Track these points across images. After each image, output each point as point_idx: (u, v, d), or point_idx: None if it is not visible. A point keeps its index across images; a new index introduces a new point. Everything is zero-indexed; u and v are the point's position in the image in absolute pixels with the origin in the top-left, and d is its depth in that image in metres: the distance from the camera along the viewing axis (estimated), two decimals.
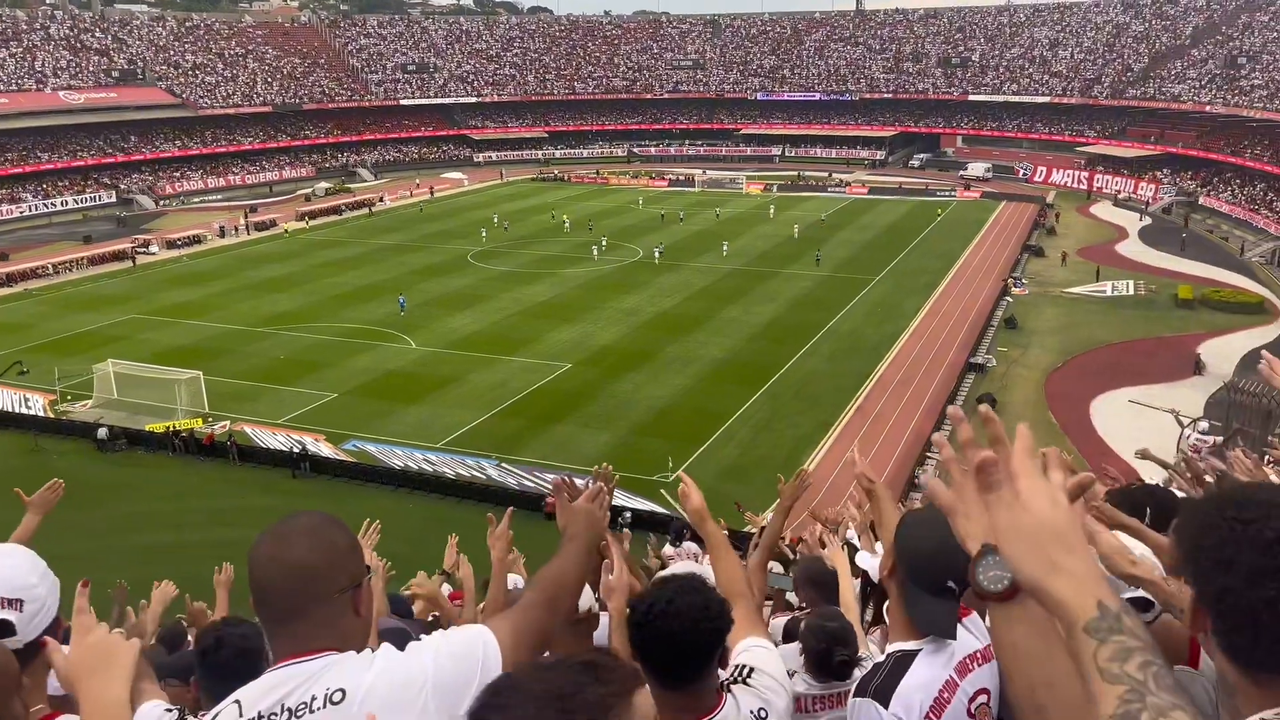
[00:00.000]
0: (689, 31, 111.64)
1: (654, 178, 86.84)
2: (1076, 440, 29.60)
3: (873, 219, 67.60)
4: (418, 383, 35.69)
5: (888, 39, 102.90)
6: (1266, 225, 60.35)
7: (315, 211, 71.25)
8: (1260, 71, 73.89)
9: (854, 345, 39.74)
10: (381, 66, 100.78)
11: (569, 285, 49.94)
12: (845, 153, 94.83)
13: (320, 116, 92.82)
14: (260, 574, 1.93)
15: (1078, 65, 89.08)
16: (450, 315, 44.40)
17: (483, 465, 29.19)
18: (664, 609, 2.37)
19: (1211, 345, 39.05)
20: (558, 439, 30.78)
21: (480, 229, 62.39)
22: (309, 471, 29.01)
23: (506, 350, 39.25)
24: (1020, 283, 49.02)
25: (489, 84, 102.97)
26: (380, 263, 55.31)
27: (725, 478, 27.30)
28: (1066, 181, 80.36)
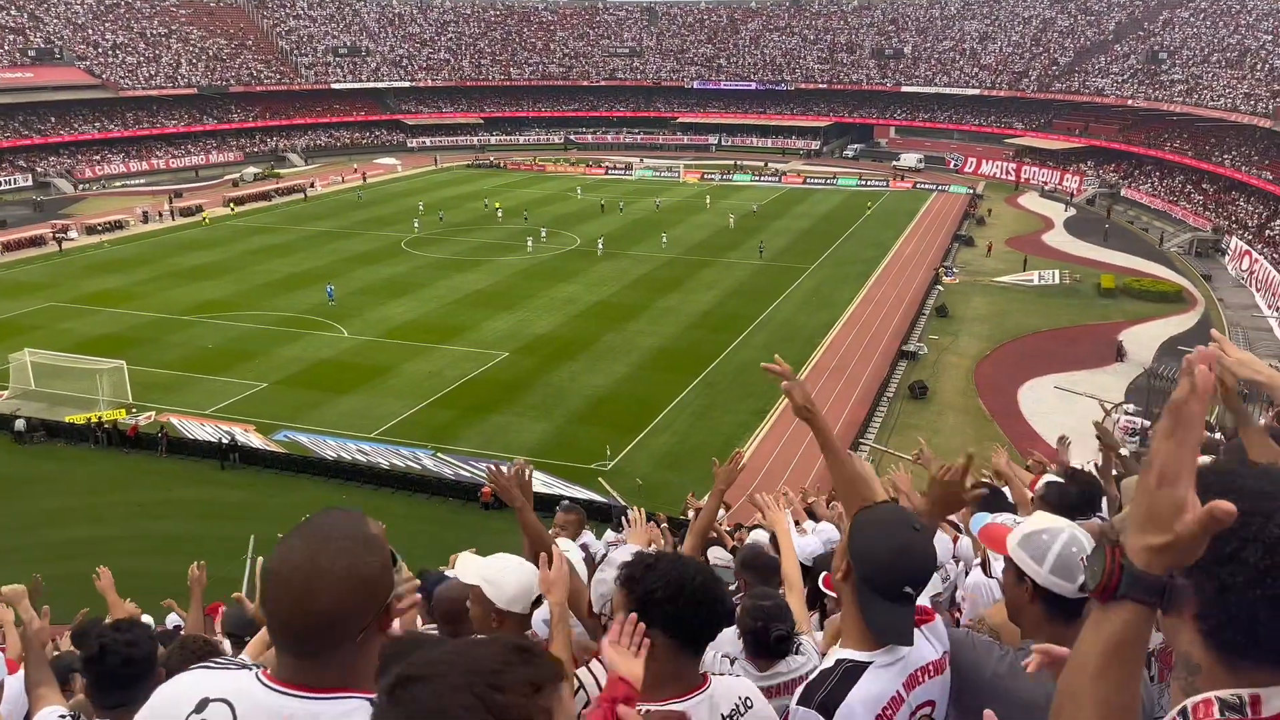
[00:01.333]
0: (626, 19, 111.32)
1: (591, 165, 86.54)
2: (1005, 425, 30.33)
3: (808, 208, 68.28)
4: (351, 372, 35.12)
5: (822, 30, 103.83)
6: (1185, 216, 62.41)
7: (243, 197, 69.53)
8: (1180, 67, 76.23)
9: (790, 333, 40.12)
10: (312, 49, 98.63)
11: (505, 273, 49.55)
12: (781, 142, 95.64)
13: (248, 100, 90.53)
14: (280, 611, 1.74)
15: (1006, 59, 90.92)
16: (384, 303, 43.74)
17: (418, 455, 28.85)
18: (703, 580, 2.43)
19: (1133, 333, 40.26)
20: (494, 428, 30.56)
21: (414, 216, 61.53)
22: (239, 463, 28.40)
23: (442, 339, 38.81)
24: (951, 271, 49.97)
25: (423, 68, 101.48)
26: (311, 250, 54.24)
27: (662, 466, 27.43)
28: (995, 173, 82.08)
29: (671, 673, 2.34)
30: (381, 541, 1.83)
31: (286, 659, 1.78)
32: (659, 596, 2.34)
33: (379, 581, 1.77)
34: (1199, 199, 63.45)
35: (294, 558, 1.73)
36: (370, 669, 1.81)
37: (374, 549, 1.79)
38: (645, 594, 2.37)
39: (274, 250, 54.03)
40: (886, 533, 2.36)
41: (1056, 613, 2.43)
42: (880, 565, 2.32)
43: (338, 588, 1.70)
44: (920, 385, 33.93)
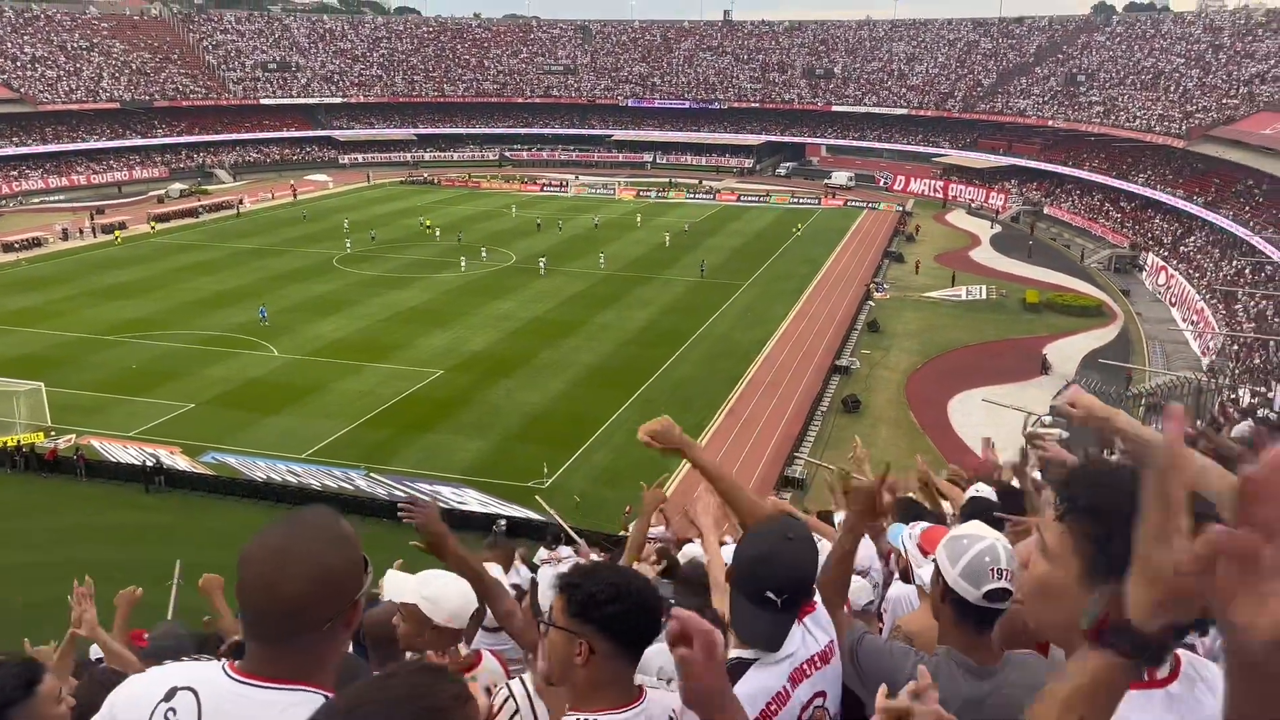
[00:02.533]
0: (559, 37, 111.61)
1: (526, 182, 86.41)
2: (935, 438, 30.91)
3: (742, 226, 69.01)
4: (281, 392, 34.43)
5: (754, 50, 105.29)
6: (1104, 233, 64.50)
7: (169, 214, 67.89)
8: (1097, 89, 78.93)
9: (726, 349, 40.43)
10: (240, 64, 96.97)
11: (440, 290, 49.12)
12: (715, 160, 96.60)
13: (173, 114, 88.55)
14: (249, 596, 1.82)
15: (933, 80, 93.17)
16: (315, 321, 43.01)
17: (350, 476, 28.37)
18: (642, 584, 2.38)
19: (1056, 346, 41.40)
20: (429, 447, 30.21)
21: (345, 233, 60.71)
22: (164, 486, 27.60)
23: (375, 357, 38.28)
24: (882, 287, 50.89)
25: (355, 84, 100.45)
26: (240, 267, 53.15)
27: (601, 483, 27.37)
28: (924, 190, 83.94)
29: (609, 678, 2.31)
30: (354, 541, 1.89)
31: (253, 648, 1.86)
32: (600, 599, 2.34)
33: (346, 576, 1.84)
34: (1117, 216, 65.64)
35: (267, 544, 1.82)
36: (331, 666, 1.88)
37: (345, 546, 1.86)
38: (586, 597, 2.36)
39: (201, 268, 52.82)
40: (758, 541, 2.45)
41: (963, 617, 2.50)
42: (746, 572, 2.42)
43: (304, 576, 1.78)
44: (853, 399, 34.44)
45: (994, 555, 2.51)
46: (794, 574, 2.46)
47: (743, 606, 2.42)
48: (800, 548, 2.49)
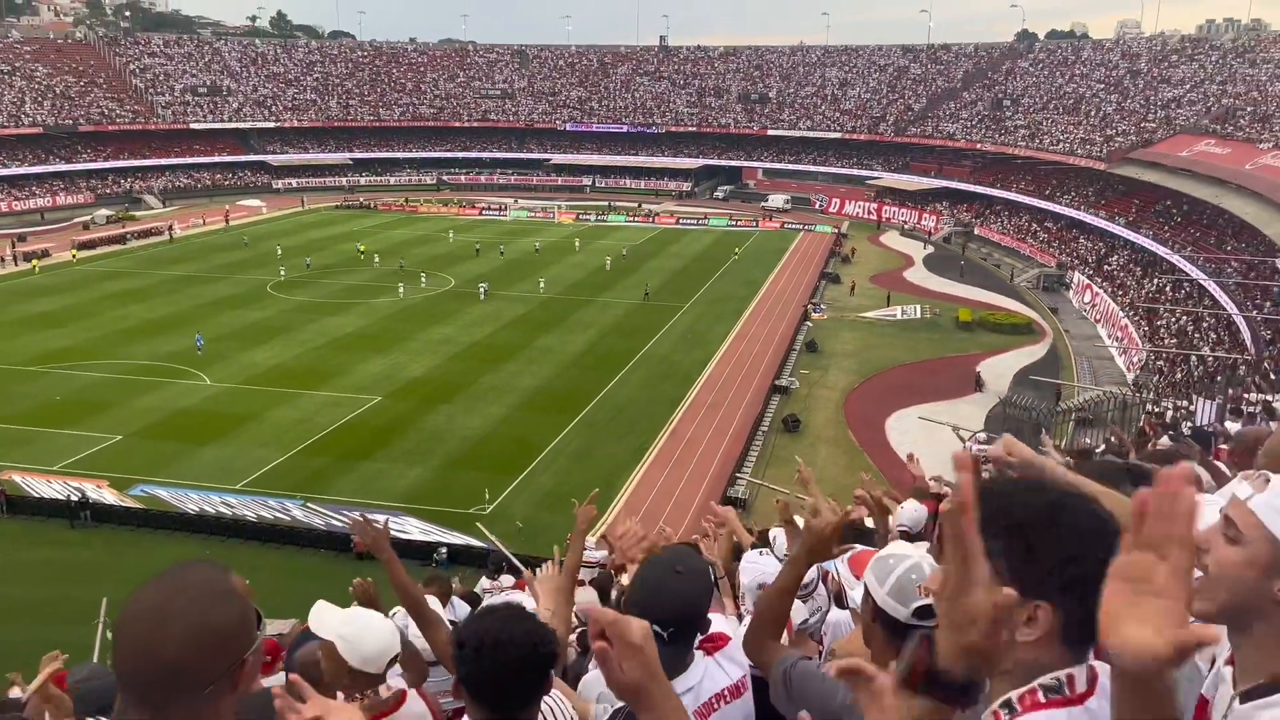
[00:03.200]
0: (496, 61, 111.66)
1: (464, 206, 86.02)
2: (874, 455, 31.30)
3: (681, 248, 69.47)
4: (214, 421, 33.64)
5: (691, 74, 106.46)
6: (1032, 253, 66.25)
7: (94, 240, 66.13)
8: (1021, 114, 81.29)
9: (667, 371, 40.56)
10: (169, 88, 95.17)
11: (378, 315, 48.55)
12: (654, 183, 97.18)
13: (99, 139, 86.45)
14: (126, 657, 1.68)
15: (865, 104, 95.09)
16: (249, 349, 42.17)
17: (287, 506, 27.78)
18: (495, 640, 2.31)
19: (989, 364, 42.31)
20: (367, 475, 29.74)
21: (279, 259, 59.74)
22: (90, 521, 26.70)
23: (311, 384, 37.63)
24: (819, 308, 51.57)
25: (288, 108, 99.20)
26: (170, 294, 51.92)
27: (543, 508, 27.17)
28: (858, 212, 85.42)
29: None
30: (241, 596, 1.76)
31: (132, 713, 1.72)
32: (464, 653, 2.31)
33: (232, 635, 1.71)
34: (1044, 237, 67.50)
35: (144, 604, 1.68)
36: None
37: (230, 602, 1.73)
38: (456, 648, 2.34)
39: (130, 295, 51.49)
40: (647, 573, 2.47)
41: (894, 636, 2.52)
42: (633, 602, 2.43)
43: (184, 637, 1.65)
44: (793, 418, 34.76)
45: (920, 573, 2.54)
46: (681, 607, 2.47)
47: None
48: (689, 580, 2.50)
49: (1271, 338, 32.31)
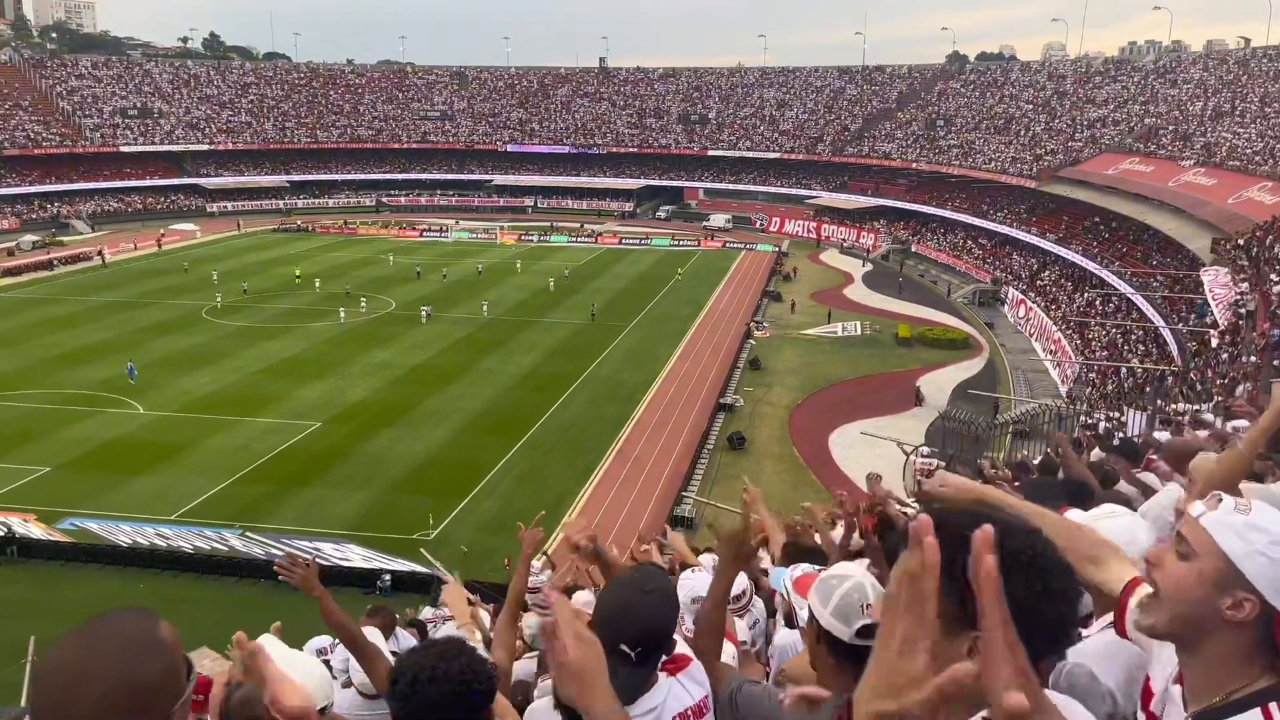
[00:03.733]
0: (435, 83, 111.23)
1: (405, 228, 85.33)
2: (818, 471, 31.58)
3: (624, 268, 69.64)
4: (147, 451, 32.72)
5: (631, 95, 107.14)
6: (968, 269, 67.66)
7: (20, 267, 64.20)
8: (954, 134, 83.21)
9: (612, 391, 40.52)
10: (98, 110, 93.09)
11: (317, 340, 47.79)
12: (596, 204, 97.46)
13: (24, 163, 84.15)
14: (42, 714, 1.54)
15: (802, 125, 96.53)
16: (183, 376, 41.18)
17: (224, 536, 27.10)
18: (430, 675, 2.28)
19: (928, 378, 43.00)
20: (308, 502, 29.16)
21: (215, 284, 58.61)
22: (17, 556, 25.74)
23: (248, 411, 36.86)
24: (762, 326, 52.01)
25: (222, 131, 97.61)
26: (101, 321, 50.56)
27: (488, 531, 26.90)
28: (798, 231, 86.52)
29: None
30: (170, 647, 1.63)
31: None
32: (396, 689, 2.29)
33: (158, 689, 1.59)
34: (978, 253, 68.99)
35: (64, 657, 1.54)
36: None
37: (158, 653, 1.61)
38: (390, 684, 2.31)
39: (58, 322, 50.05)
40: (614, 593, 2.46)
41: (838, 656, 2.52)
42: (601, 622, 2.41)
43: (103, 696, 1.52)
44: (738, 436, 34.93)
45: (862, 593, 2.55)
46: (649, 627, 2.46)
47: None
48: (656, 600, 2.49)
49: (1197, 349, 33.31)
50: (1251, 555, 1.69)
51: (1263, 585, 1.68)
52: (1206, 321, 34.69)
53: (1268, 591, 1.67)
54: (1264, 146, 50.29)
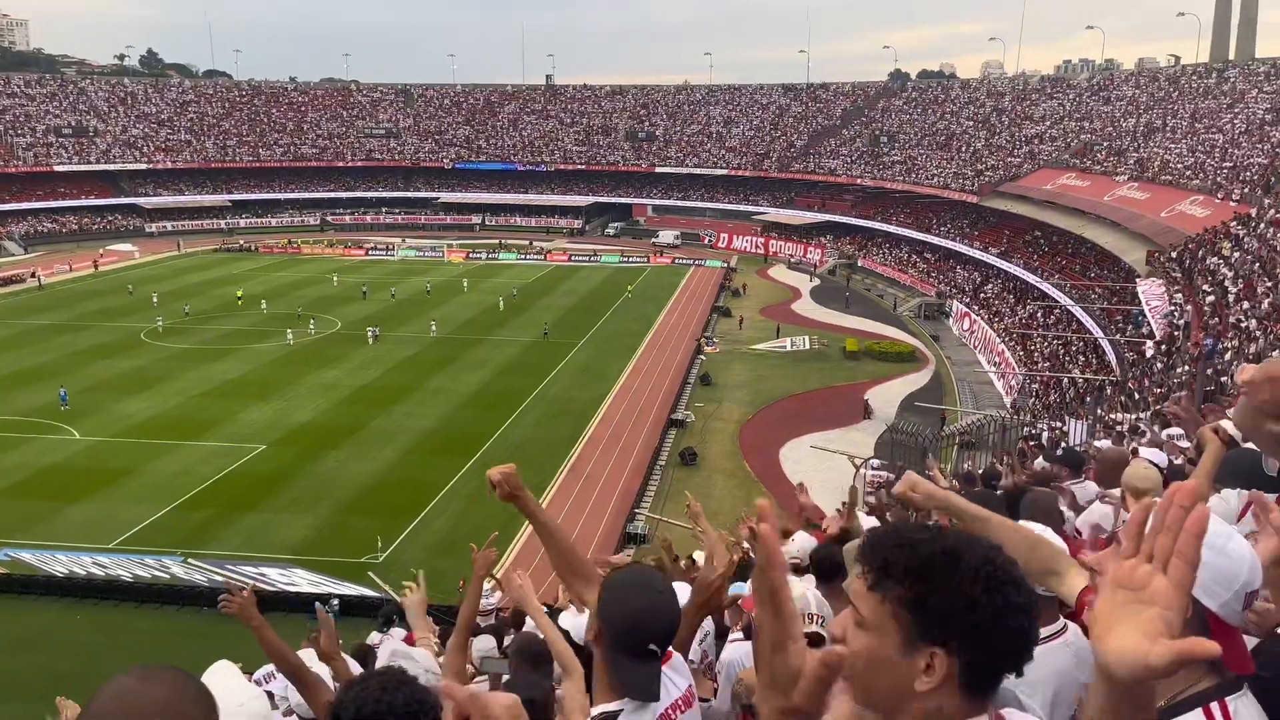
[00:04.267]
0: (380, 100, 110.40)
1: (350, 246, 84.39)
2: (769, 485, 31.67)
3: (574, 285, 69.54)
4: (84, 477, 31.81)
5: (578, 113, 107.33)
6: (913, 283, 68.67)
7: None
8: (898, 150, 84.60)
9: (563, 408, 40.34)
10: (30, 129, 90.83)
11: (261, 361, 46.96)
12: (544, 221, 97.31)
13: None
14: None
15: (749, 141, 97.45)
16: (122, 400, 40.17)
17: (165, 563, 26.40)
18: (373, 710, 2.20)
19: (876, 391, 43.46)
20: (253, 527, 28.55)
21: (154, 305, 57.36)
22: None
23: (190, 435, 36.04)
24: (711, 341, 52.22)
25: (160, 149, 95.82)
26: (34, 345, 49.16)
27: (438, 553, 26.55)
28: (747, 247, 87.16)
29: None
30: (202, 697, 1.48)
31: None
32: None
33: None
34: (923, 267, 70.09)
35: (121, 693, 1.41)
36: None
37: (203, 697, 1.47)
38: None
39: None
40: (631, 597, 2.46)
41: None
42: (626, 625, 2.42)
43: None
44: (690, 452, 34.96)
45: (804, 602, 2.54)
46: (670, 624, 2.52)
47: (622, 662, 2.43)
48: (669, 598, 2.54)
49: (1134, 360, 34.12)
50: None
51: (1195, 589, 1.70)
52: (1143, 332, 35.57)
53: (1199, 593, 1.73)
54: (1194, 161, 51.83)
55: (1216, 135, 54.08)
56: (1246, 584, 1.76)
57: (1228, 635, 1.73)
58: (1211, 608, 1.73)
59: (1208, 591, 1.73)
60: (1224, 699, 1.69)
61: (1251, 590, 1.77)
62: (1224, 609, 1.74)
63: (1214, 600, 1.73)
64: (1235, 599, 1.75)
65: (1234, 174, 46.35)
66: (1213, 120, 57.18)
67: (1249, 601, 1.77)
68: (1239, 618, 1.76)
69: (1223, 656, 1.68)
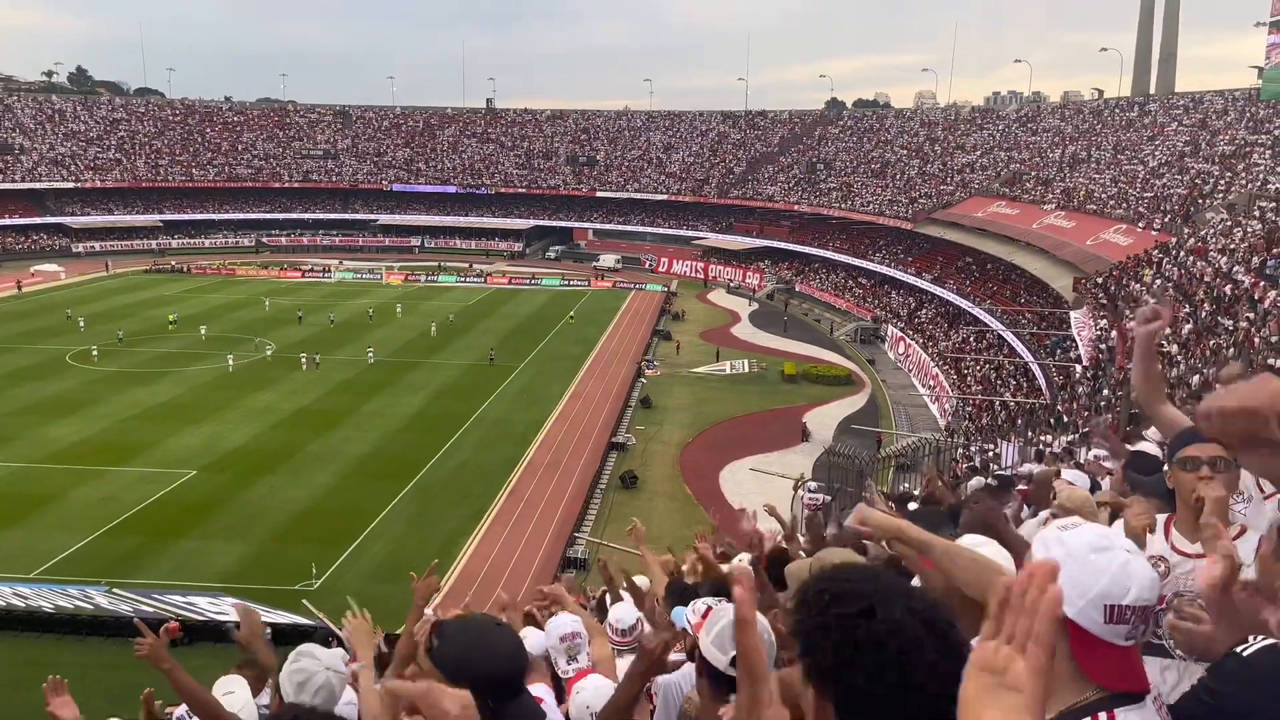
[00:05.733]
0: (318, 121, 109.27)
1: (286, 268, 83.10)
2: (709, 508, 31.76)
3: (514, 308, 69.32)
4: (3, 504, 30.70)
5: (519, 137, 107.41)
6: (849, 308, 69.78)
7: None
8: (834, 177, 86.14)
9: (503, 432, 40.07)
10: None
11: (193, 384, 45.90)
12: (485, 244, 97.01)
13: None
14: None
15: (689, 167, 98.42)
16: (46, 424, 38.90)
17: (89, 593, 25.53)
18: None
19: (814, 414, 43.97)
20: (182, 555, 27.79)
21: (79, 326, 55.80)
22: None
23: (118, 460, 35.03)
24: (652, 364, 52.40)
25: (90, 168, 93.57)
26: None
27: (376, 579, 26.13)
28: (687, 271, 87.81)
29: None
30: None
31: None
32: None
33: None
34: (859, 292, 71.28)
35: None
36: None
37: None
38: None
39: None
40: (467, 636, 2.38)
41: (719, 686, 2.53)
42: (459, 667, 2.29)
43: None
44: (630, 475, 34.95)
45: None
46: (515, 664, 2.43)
47: None
48: (508, 636, 2.47)
49: (1063, 383, 35.05)
50: None
51: None
52: (1071, 356, 36.58)
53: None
54: (1117, 191, 53.61)
55: (1138, 166, 56.04)
56: (1105, 595, 1.70)
57: (1096, 648, 1.71)
58: (1069, 614, 1.69)
59: (1066, 597, 1.72)
60: (1113, 710, 1.67)
61: (1124, 605, 1.70)
62: (1081, 617, 1.70)
63: (1069, 607, 1.69)
64: (1092, 608, 1.70)
65: (1155, 204, 48.05)
66: (1134, 152, 59.25)
67: (1124, 616, 1.71)
68: (1113, 633, 1.71)
69: (1090, 670, 1.70)
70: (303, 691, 3.19)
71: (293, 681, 3.22)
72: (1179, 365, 26.48)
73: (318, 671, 3.22)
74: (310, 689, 3.20)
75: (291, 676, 3.25)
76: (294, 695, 3.17)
